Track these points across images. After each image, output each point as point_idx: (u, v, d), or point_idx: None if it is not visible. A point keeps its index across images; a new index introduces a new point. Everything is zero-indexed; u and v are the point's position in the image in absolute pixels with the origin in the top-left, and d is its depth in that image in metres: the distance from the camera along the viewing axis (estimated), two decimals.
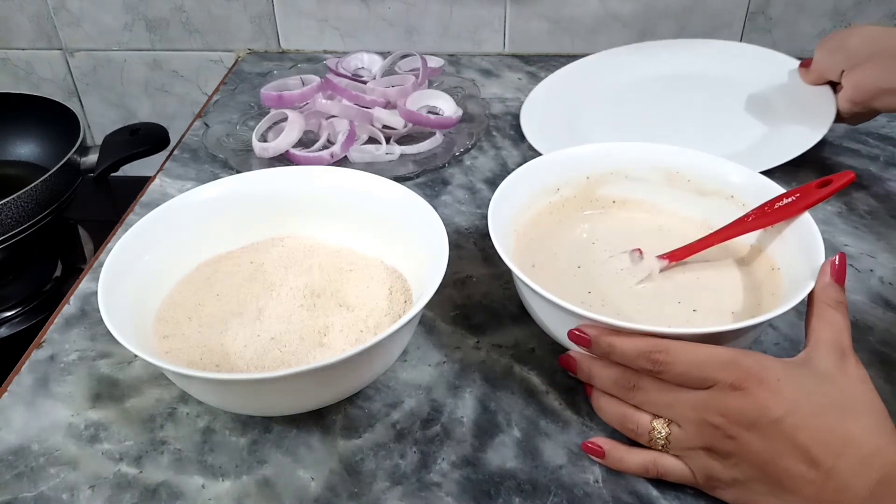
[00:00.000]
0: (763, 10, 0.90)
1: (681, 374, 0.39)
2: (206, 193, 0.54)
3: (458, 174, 0.71)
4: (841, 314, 0.41)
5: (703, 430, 0.39)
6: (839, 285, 0.42)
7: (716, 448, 0.39)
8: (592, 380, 0.44)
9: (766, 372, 0.38)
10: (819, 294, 0.42)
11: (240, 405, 0.45)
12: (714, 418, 0.38)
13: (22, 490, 0.43)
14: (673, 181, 0.56)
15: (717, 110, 0.76)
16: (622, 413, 0.43)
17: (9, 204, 0.68)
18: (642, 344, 0.40)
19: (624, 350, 0.41)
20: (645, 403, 0.42)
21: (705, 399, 0.39)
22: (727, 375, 0.38)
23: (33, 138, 0.85)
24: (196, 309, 0.51)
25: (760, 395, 0.37)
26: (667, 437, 0.41)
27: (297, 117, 0.72)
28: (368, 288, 0.52)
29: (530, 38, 0.94)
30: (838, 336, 0.40)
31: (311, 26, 0.95)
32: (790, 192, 0.49)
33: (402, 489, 0.43)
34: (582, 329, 0.42)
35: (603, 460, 0.44)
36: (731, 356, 0.39)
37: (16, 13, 0.97)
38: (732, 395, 0.38)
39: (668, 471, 0.42)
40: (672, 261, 0.52)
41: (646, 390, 0.41)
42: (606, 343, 0.41)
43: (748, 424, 0.37)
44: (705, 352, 0.39)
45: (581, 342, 0.43)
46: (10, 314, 0.73)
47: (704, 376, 0.39)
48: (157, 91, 1.03)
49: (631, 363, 0.41)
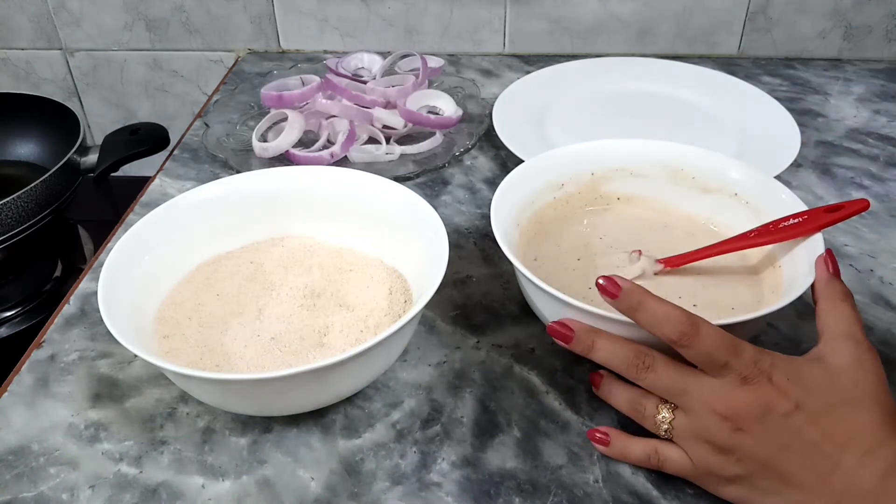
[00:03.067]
0: (763, 10, 0.90)
1: (705, 353, 0.38)
2: (206, 193, 0.54)
3: (458, 174, 0.71)
4: (850, 305, 0.41)
5: (709, 420, 0.39)
6: (838, 278, 0.43)
7: (719, 442, 0.39)
8: (593, 352, 0.42)
9: (777, 370, 0.38)
10: (824, 290, 0.42)
11: (240, 405, 0.45)
12: (724, 410, 0.38)
13: (22, 490, 0.43)
14: (677, 178, 0.56)
15: (687, 133, 0.75)
16: (632, 395, 0.42)
17: (9, 204, 0.68)
18: (675, 311, 0.39)
19: (655, 311, 0.39)
20: (655, 386, 0.40)
21: (717, 388, 0.38)
22: (743, 368, 0.38)
23: (33, 138, 0.85)
24: (196, 309, 0.51)
25: (770, 389, 0.37)
26: (671, 422, 0.41)
27: (297, 117, 0.72)
28: (368, 288, 0.52)
29: (530, 38, 0.94)
30: (851, 328, 0.40)
31: (311, 26, 0.95)
32: (798, 213, 0.49)
33: (402, 489, 0.43)
34: (615, 279, 0.40)
35: (607, 448, 0.44)
36: (749, 350, 0.38)
37: (16, 13, 0.97)
38: (742, 388, 0.38)
39: (668, 458, 0.41)
40: (668, 266, 0.51)
41: (658, 372, 0.40)
42: (637, 299, 0.39)
43: (756, 418, 0.37)
44: (728, 339, 0.38)
45: (608, 292, 0.40)
46: (10, 314, 0.73)
47: (726, 362, 0.38)
48: (157, 91, 1.03)
49: (657, 326, 0.39)
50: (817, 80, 0.88)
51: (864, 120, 0.79)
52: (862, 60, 0.92)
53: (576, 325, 0.43)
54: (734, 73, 0.85)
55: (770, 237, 0.49)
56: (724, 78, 0.82)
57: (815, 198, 0.66)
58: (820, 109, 0.81)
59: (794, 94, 0.84)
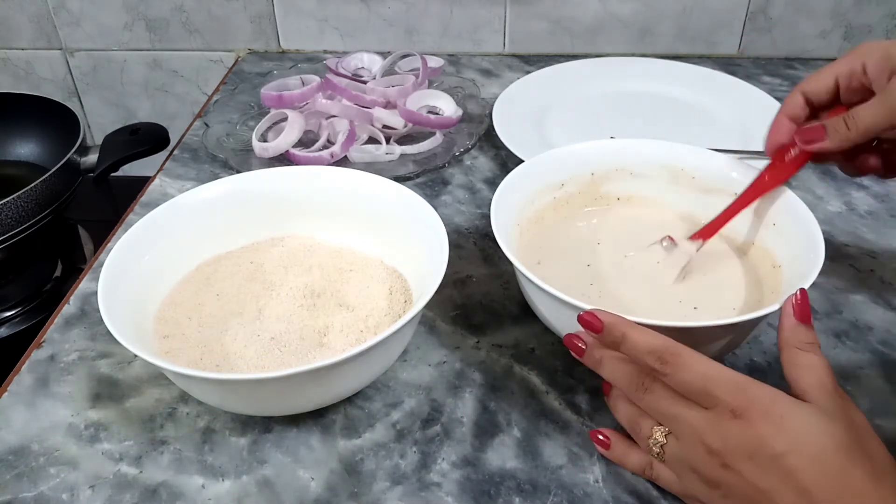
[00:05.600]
0: (763, 10, 0.90)
1: (684, 382, 0.38)
2: (206, 193, 0.54)
3: (458, 174, 0.71)
4: (815, 354, 0.39)
5: (697, 452, 0.37)
6: (806, 324, 0.40)
7: (706, 475, 0.38)
8: (601, 368, 0.42)
9: (772, 406, 0.36)
10: (788, 339, 0.40)
11: (240, 405, 0.45)
12: (713, 443, 0.37)
13: (22, 490, 0.43)
14: (677, 178, 0.56)
15: (686, 133, 0.75)
16: (631, 413, 0.42)
17: (9, 204, 0.68)
18: (655, 341, 0.39)
19: (636, 343, 0.39)
20: (651, 408, 0.40)
21: (707, 421, 0.37)
22: (731, 399, 0.36)
23: (33, 138, 0.85)
24: (196, 309, 0.51)
25: (762, 427, 0.36)
26: (662, 447, 0.40)
27: (297, 117, 0.72)
28: (368, 288, 0.52)
29: (530, 38, 0.94)
30: (820, 378, 0.38)
31: (311, 26, 0.95)
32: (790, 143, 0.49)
33: (402, 489, 0.43)
34: (596, 314, 0.41)
35: (607, 451, 0.43)
36: (741, 381, 0.37)
37: (16, 13, 0.97)
38: (733, 422, 0.36)
39: (660, 476, 0.41)
40: (705, 239, 0.51)
41: (655, 395, 0.40)
42: (621, 333, 0.40)
43: (746, 455, 0.36)
44: (716, 368, 0.38)
45: (591, 327, 0.41)
46: (10, 314, 0.73)
47: (707, 391, 0.37)
48: (157, 91, 1.03)
49: (639, 358, 0.40)
50: None
51: None
52: None
53: (588, 340, 0.43)
54: (734, 73, 0.85)
55: (781, 173, 0.50)
56: (724, 78, 0.82)
57: (815, 198, 0.66)
58: None
59: None
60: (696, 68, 0.84)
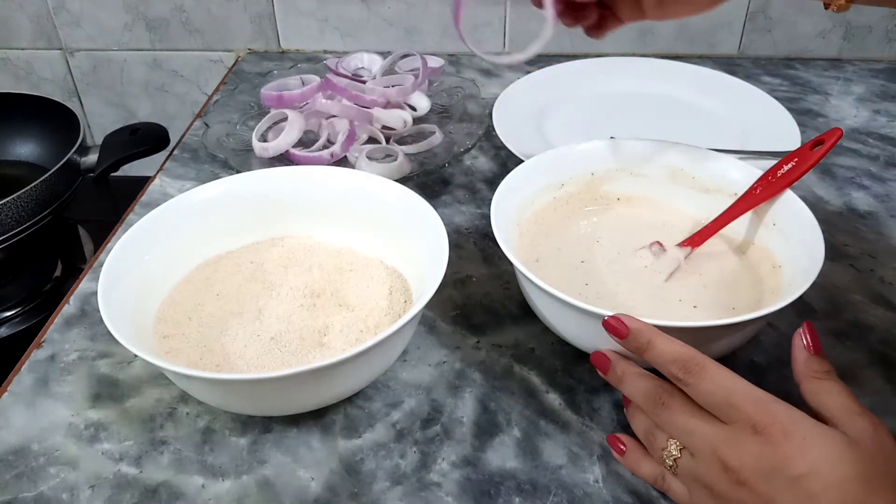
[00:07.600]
0: (763, 10, 0.90)
1: (707, 393, 0.37)
2: (206, 193, 0.54)
3: (458, 174, 0.71)
4: (833, 381, 0.38)
5: (713, 467, 0.37)
6: (819, 355, 0.40)
7: (718, 491, 0.37)
8: (622, 385, 0.42)
9: (794, 425, 0.35)
10: (804, 372, 0.40)
11: (240, 405, 0.45)
12: (730, 459, 0.36)
13: (22, 490, 0.43)
14: (677, 178, 0.56)
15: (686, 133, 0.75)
16: (647, 425, 0.42)
17: (9, 204, 0.68)
18: (681, 350, 0.39)
19: (662, 350, 0.39)
20: (667, 424, 0.40)
21: (726, 436, 0.37)
22: (753, 413, 0.36)
23: (33, 138, 0.85)
24: (196, 309, 0.51)
25: (784, 446, 0.35)
26: (675, 460, 0.39)
27: (297, 117, 0.72)
28: (368, 288, 0.52)
29: (530, 38, 0.93)
30: (844, 402, 0.37)
31: (311, 26, 0.95)
32: (788, 157, 0.50)
33: (402, 489, 0.43)
34: (622, 319, 0.41)
35: (622, 458, 0.43)
36: (764, 397, 0.37)
37: (16, 13, 0.97)
38: (753, 439, 0.35)
39: (671, 489, 0.41)
40: (694, 247, 0.51)
41: (672, 410, 0.39)
42: (646, 339, 0.40)
43: (764, 474, 0.35)
44: (740, 382, 0.37)
45: (617, 332, 0.41)
46: (10, 314, 0.73)
47: (730, 404, 0.37)
48: (157, 91, 1.03)
49: (663, 366, 0.39)
50: (817, 79, 0.88)
51: (863, 120, 0.79)
52: (862, 60, 0.92)
53: (613, 358, 0.43)
54: (734, 72, 0.85)
55: (774, 188, 0.50)
56: (724, 78, 0.82)
57: (815, 198, 0.66)
58: (820, 109, 0.81)
59: (794, 94, 0.84)
60: (696, 68, 0.84)
